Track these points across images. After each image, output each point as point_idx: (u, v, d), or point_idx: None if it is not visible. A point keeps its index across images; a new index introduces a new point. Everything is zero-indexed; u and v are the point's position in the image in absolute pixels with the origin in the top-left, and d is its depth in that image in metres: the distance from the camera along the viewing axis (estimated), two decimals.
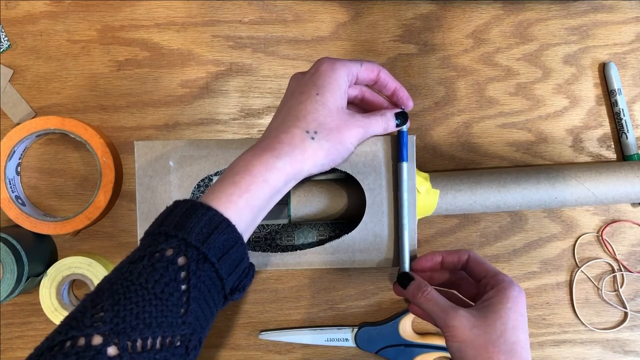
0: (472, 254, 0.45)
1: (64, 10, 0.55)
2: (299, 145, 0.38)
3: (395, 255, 0.48)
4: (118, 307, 0.30)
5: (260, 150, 0.38)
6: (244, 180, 0.36)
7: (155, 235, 0.34)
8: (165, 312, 0.31)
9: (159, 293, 0.31)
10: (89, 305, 0.31)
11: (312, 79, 0.41)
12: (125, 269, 0.33)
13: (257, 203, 0.37)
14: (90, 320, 0.30)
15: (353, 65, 0.42)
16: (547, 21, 0.57)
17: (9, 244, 0.49)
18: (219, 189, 0.36)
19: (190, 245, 0.33)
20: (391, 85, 0.45)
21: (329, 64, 0.41)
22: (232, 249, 0.34)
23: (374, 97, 0.46)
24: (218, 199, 0.35)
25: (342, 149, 0.40)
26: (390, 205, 0.48)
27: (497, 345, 0.38)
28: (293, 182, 0.39)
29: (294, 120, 0.39)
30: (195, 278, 0.33)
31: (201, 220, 0.34)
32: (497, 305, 0.39)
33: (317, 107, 0.39)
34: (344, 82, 0.41)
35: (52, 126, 0.52)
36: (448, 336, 0.39)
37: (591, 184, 0.51)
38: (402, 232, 0.47)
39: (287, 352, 0.57)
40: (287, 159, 0.38)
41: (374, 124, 0.43)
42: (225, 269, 0.34)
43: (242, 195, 0.36)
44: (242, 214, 0.36)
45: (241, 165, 0.37)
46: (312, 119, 0.39)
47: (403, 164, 0.46)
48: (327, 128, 0.39)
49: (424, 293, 0.42)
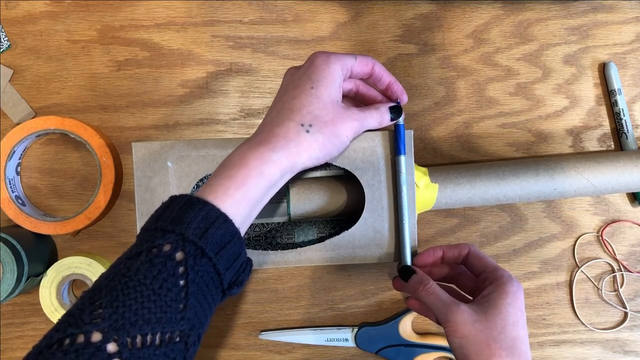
0: (473, 248, 0.45)
1: (64, 10, 0.55)
2: (294, 139, 0.38)
3: (396, 249, 0.48)
4: (117, 304, 0.30)
5: (256, 144, 0.38)
6: (240, 173, 0.36)
7: (152, 230, 0.34)
8: (164, 308, 0.31)
9: (158, 289, 0.31)
10: (87, 303, 0.31)
11: (307, 72, 0.41)
12: (122, 265, 0.32)
13: (253, 196, 0.36)
14: (89, 317, 0.30)
15: (347, 58, 0.42)
16: (547, 21, 0.57)
17: (9, 244, 0.49)
18: (215, 182, 0.36)
19: (188, 240, 0.33)
20: (385, 78, 0.45)
21: (323, 57, 0.41)
22: (229, 244, 0.34)
23: (369, 91, 0.46)
24: (215, 193, 0.35)
25: (337, 142, 0.40)
26: (390, 201, 0.48)
27: (498, 341, 0.38)
28: (289, 175, 0.39)
29: (289, 114, 0.39)
30: (194, 273, 0.32)
31: (198, 215, 0.34)
32: (497, 300, 0.39)
33: (312, 101, 0.40)
34: (338, 76, 0.41)
35: (52, 126, 0.52)
36: (449, 331, 0.39)
37: (590, 175, 0.51)
38: (402, 226, 0.47)
39: (287, 352, 0.57)
40: (282, 152, 0.38)
41: (368, 118, 0.43)
42: (222, 264, 0.34)
43: (239, 189, 0.36)
44: (239, 208, 0.36)
45: (237, 159, 0.37)
46: (306, 112, 0.39)
47: (401, 157, 0.46)
48: (322, 121, 0.39)
49: (425, 287, 0.42)
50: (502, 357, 0.37)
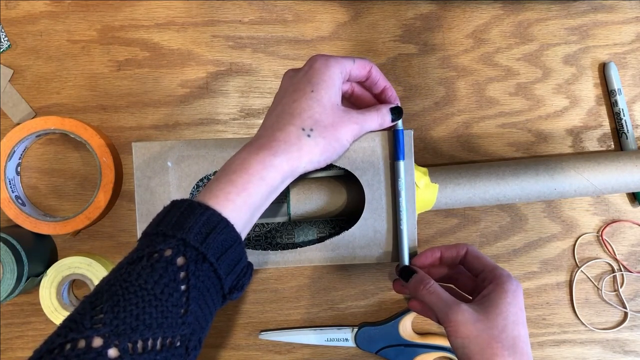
0: (470, 248, 0.45)
1: (64, 10, 0.55)
2: (295, 143, 0.38)
3: (394, 250, 0.48)
4: (118, 309, 0.30)
5: (256, 149, 0.38)
6: (241, 178, 0.36)
7: (153, 235, 0.34)
8: (165, 313, 0.31)
9: (159, 294, 0.31)
10: (88, 307, 0.31)
11: (307, 76, 0.41)
12: (124, 270, 0.32)
13: (254, 201, 0.37)
14: (90, 322, 0.30)
15: (346, 61, 0.42)
16: (547, 21, 0.57)
17: (9, 244, 0.49)
18: (216, 187, 0.36)
19: (189, 245, 0.33)
20: (381, 83, 0.45)
21: (322, 61, 0.41)
22: (230, 249, 0.34)
23: (363, 93, 0.46)
24: (216, 198, 0.35)
25: (337, 145, 0.40)
26: (389, 201, 0.48)
27: (500, 340, 0.38)
28: (289, 179, 0.39)
29: (289, 118, 0.39)
30: (195, 278, 0.32)
31: (199, 219, 0.34)
32: (497, 300, 0.39)
33: (312, 104, 0.39)
34: (338, 79, 0.41)
35: (52, 126, 0.52)
36: (451, 331, 0.39)
37: (590, 175, 0.51)
38: (400, 229, 0.47)
39: (287, 352, 0.57)
40: (283, 156, 0.38)
41: (369, 120, 0.43)
42: (223, 269, 0.34)
43: (240, 194, 0.36)
44: (240, 213, 0.36)
45: (238, 163, 0.37)
46: (307, 117, 0.39)
47: (400, 163, 0.46)
48: (322, 125, 0.39)
49: (426, 286, 0.42)
50: (505, 357, 0.37)
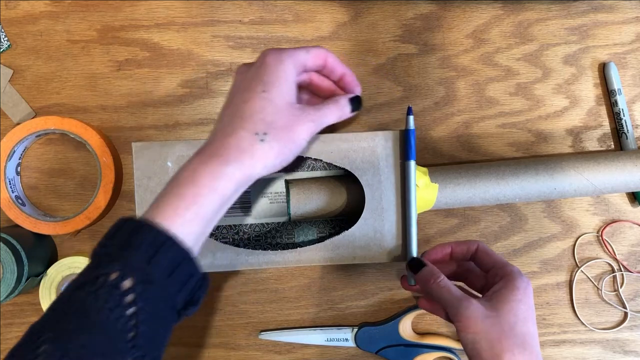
0: (481, 245, 0.44)
1: (64, 10, 0.55)
2: (248, 149, 0.36)
3: (395, 249, 0.48)
4: (62, 339, 0.30)
5: (207, 157, 0.36)
6: (189, 191, 0.35)
7: (101, 256, 0.33)
8: (113, 339, 0.30)
9: (104, 321, 0.30)
10: (34, 338, 0.30)
11: (258, 73, 0.39)
12: (70, 297, 0.32)
13: (205, 213, 0.35)
14: (33, 355, 0.29)
15: (300, 53, 0.40)
16: (547, 21, 0.57)
17: (9, 244, 0.49)
18: (163, 202, 0.35)
19: (134, 267, 0.32)
20: (339, 70, 0.43)
21: (274, 55, 0.39)
22: (180, 265, 0.33)
23: (322, 82, 0.44)
24: (163, 213, 0.34)
25: (293, 147, 0.38)
26: (389, 200, 0.48)
27: (510, 337, 0.37)
28: (243, 187, 0.37)
29: (240, 122, 0.37)
30: (143, 300, 0.31)
31: (145, 239, 0.32)
32: (508, 296, 0.39)
33: (264, 105, 0.37)
34: (291, 75, 0.39)
35: (52, 126, 0.52)
36: (461, 327, 0.38)
37: (590, 174, 0.51)
38: (409, 227, 0.47)
39: (287, 352, 0.57)
40: (235, 164, 0.36)
41: (327, 115, 0.41)
42: (174, 286, 0.33)
43: (189, 208, 0.34)
44: (190, 226, 0.34)
45: (186, 175, 0.36)
46: (259, 119, 0.37)
47: (410, 163, 0.46)
48: (276, 127, 0.37)
49: (436, 279, 0.41)
50: (514, 353, 0.37)
